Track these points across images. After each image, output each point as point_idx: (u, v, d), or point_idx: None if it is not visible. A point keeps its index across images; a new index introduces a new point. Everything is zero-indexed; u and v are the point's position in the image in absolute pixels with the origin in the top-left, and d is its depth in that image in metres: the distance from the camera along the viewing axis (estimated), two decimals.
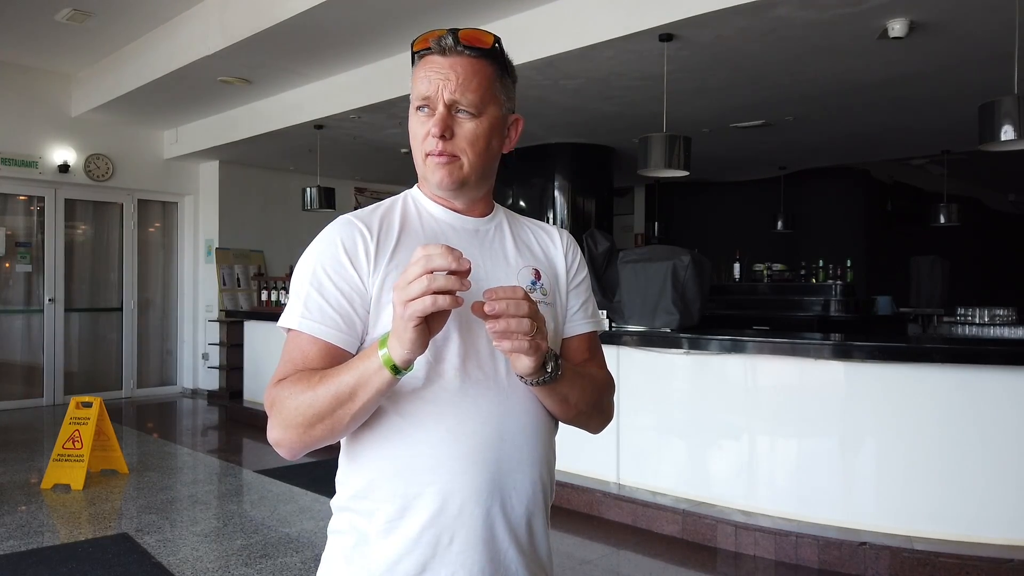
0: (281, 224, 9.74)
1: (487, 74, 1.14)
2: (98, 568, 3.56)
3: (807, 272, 9.24)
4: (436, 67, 1.13)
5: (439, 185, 1.15)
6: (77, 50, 7.30)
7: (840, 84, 5.91)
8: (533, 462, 1.15)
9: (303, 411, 1.03)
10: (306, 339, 1.09)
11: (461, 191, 1.18)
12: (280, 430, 1.06)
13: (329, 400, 1.01)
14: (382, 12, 5.18)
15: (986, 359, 3.55)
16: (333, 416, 1.02)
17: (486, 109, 1.14)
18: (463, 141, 1.13)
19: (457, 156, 1.14)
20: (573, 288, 1.29)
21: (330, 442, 1.09)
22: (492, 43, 1.16)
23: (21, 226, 8.32)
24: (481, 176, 1.18)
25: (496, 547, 1.11)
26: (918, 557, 3.37)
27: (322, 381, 1.02)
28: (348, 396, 1.00)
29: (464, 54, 1.13)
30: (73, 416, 4.98)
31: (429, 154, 1.14)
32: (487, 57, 1.15)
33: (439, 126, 1.11)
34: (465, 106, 1.12)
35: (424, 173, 1.17)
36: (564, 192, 8.28)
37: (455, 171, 1.14)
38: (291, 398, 1.04)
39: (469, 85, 1.12)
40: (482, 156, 1.15)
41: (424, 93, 1.13)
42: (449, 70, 1.12)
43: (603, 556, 3.91)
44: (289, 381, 1.06)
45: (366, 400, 1.01)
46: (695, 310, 4.47)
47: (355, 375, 1.00)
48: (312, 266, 1.13)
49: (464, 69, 1.12)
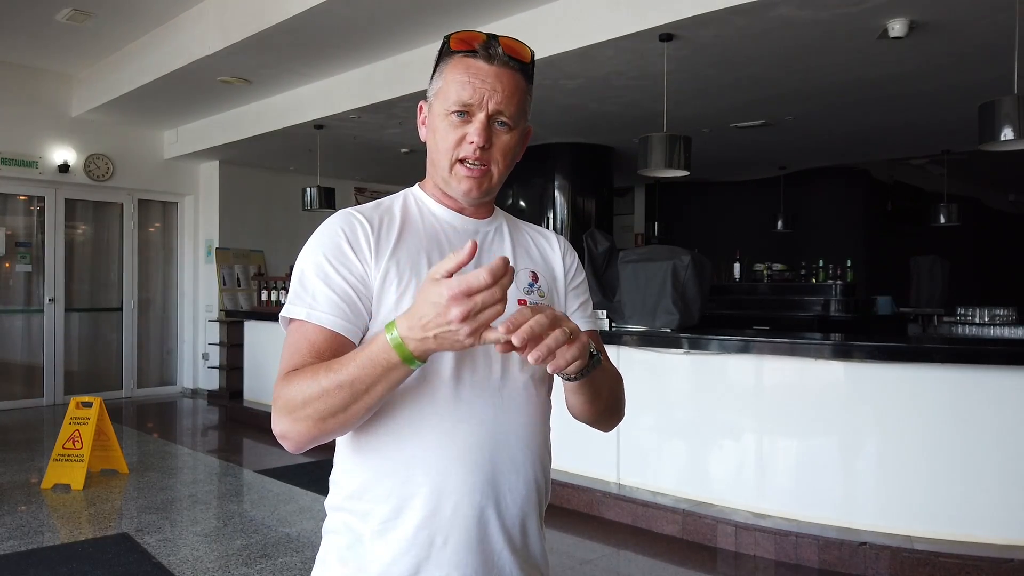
0: (281, 224, 9.74)
1: (524, 88, 1.15)
2: (98, 568, 3.56)
3: (807, 272, 9.23)
4: (482, 75, 1.11)
5: (466, 195, 1.15)
6: (77, 50, 7.30)
7: (840, 84, 5.90)
8: (528, 463, 1.14)
9: (316, 406, 1.00)
10: (312, 329, 1.07)
11: (482, 200, 1.18)
12: (289, 423, 1.04)
13: (344, 396, 0.99)
14: (382, 12, 5.18)
15: (986, 359, 3.55)
16: (347, 411, 1.00)
17: (520, 122, 1.15)
18: (498, 152, 1.13)
19: (488, 167, 1.14)
20: (572, 290, 1.29)
21: (340, 435, 1.08)
22: (531, 58, 1.16)
23: (21, 226, 8.32)
24: (500, 185, 1.19)
25: (490, 548, 1.10)
26: (918, 557, 3.37)
27: (334, 375, 0.99)
28: (364, 391, 0.98)
29: (509, 65, 1.12)
30: (73, 416, 4.98)
31: (462, 161, 1.13)
32: (525, 71, 1.15)
33: (482, 136, 1.11)
34: (506, 118, 1.12)
35: (447, 178, 1.15)
36: (564, 192, 8.28)
37: (485, 182, 1.14)
38: (302, 392, 1.01)
39: (512, 99, 1.12)
40: (509, 168, 1.17)
41: (466, 99, 1.11)
42: (496, 80, 1.11)
43: (603, 556, 3.91)
44: (299, 374, 1.03)
45: (383, 393, 1.00)
46: (695, 310, 4.47)
47: (371, 369, 0.97)
48: (316, 256, 1.11)
49: (509, 81, 1.12)
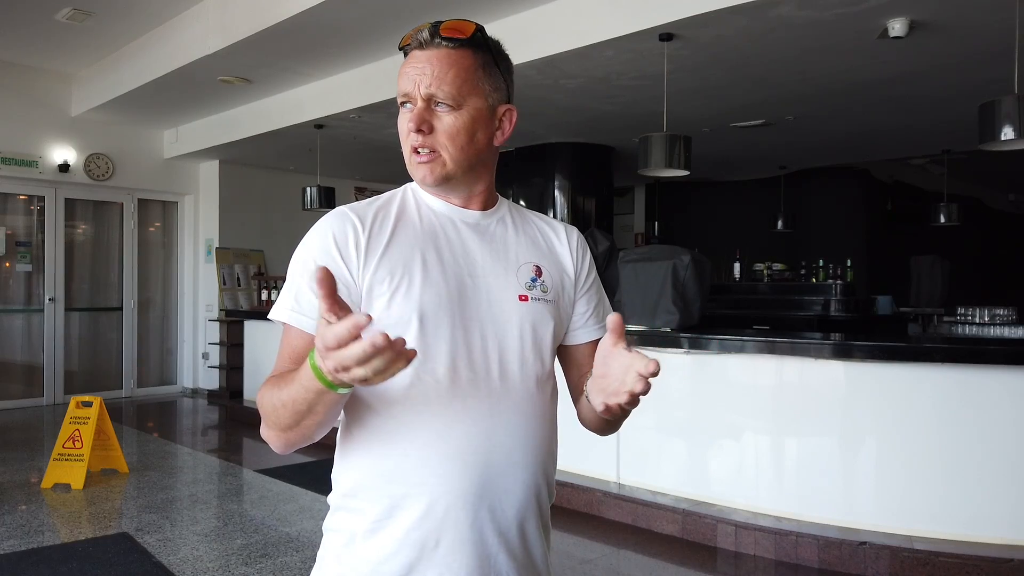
0: (281, 224, 9.74)
1: (465, 65, 1.10)
2: (98, 568, 3.56)
3: (807, 272, 9.23)
4: (415, 62, 1.11)
5: (422, 181, 1.14)
6: (77, 50, 7.30)
7: (840, 83, 5.90)
8: (526, 465, 1.11)
9: (274, 418, 1.03)
10: (295, 333, 1.08)
11: (448, 186, 1.15)
12: (264, 429, 1.08)
13: (290, 414, 1.00)
14: (382, 11, 5.18)
15: (986, 359, 3.55)
16: (300, 426, 1.02)
17: (466, 101, 1.10)
18: (443, 135, 1.10)
19: (437, 151, 1.11)
20: (583, 293, 1.25)
21: (312, 442, 1.08)
22: (472, 32, 1.12)
23: (21, 225, 8.32)
24: (468, 170, 1.14)
25: (485, 551, 1.08)
26: (918, 557, 3.37)
27: (281, 393, 1.00)
28: (307, 411, 0.98)
29: (442, 46, 1.10)
30: (73, 415, 4.98)
31: (413, 150, 1.12)
32: (467, 47, 1.11)
33: (415, 120, 1.09)
34: (443, 99, 1.09)
35: (410, 169, 1.15)
36: (564, 192, 8.28)
37: (436, 168, 1.11)
38: (267, 403, 1.04)
39: (445, 77, 1.09)
40: (465, 150, 1.12)
41: (404, 89, 1.11)
42: (426, 64, 1.09)
43: (603, 555, 3.91)
44: (269, 383, 1.05)
45: (327, 411, 0.99)
46: (695, 310, 4.47)
47: (305, 393, 0.95)
48: (303, 259, 1.11)
49: (441, 61, 1.09)
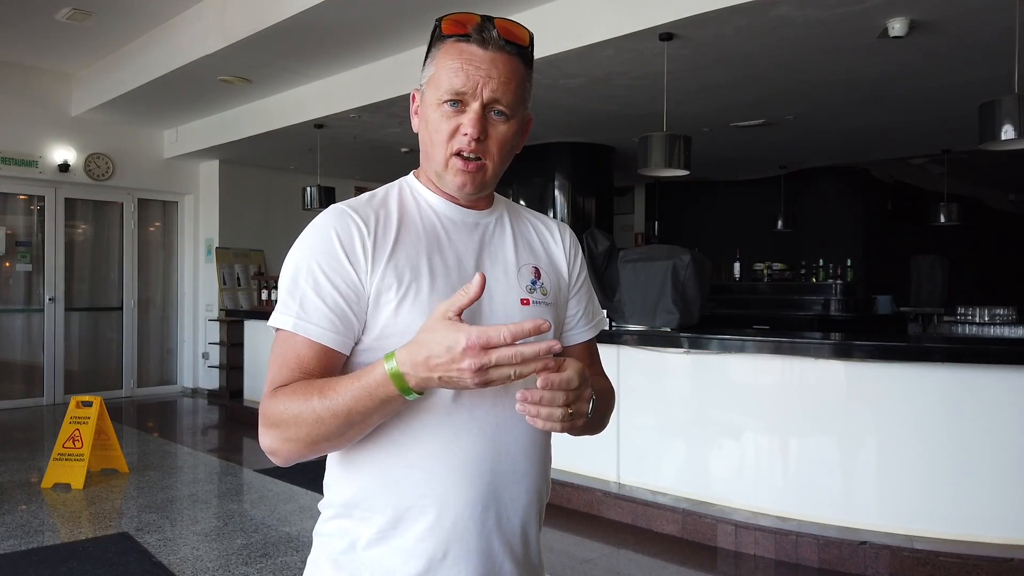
0: (281, 224, 9.73)
1: (522, 73, 1.06)
2: (98, 567, 3.56)
3: (807, 271, 9.23)
4: (476, 60, 1.03)
5: (460, 189, 1.08)
6: (77, 50, 7.30)
7: (840, 83, 5.90)
8: (529, 473, 1.11)
9: (309, 430, 0.97)
10: (301, 342, 1.02)
11: (476, 195, 1.12)
12: (279, 442, 1.01)
13: (339, 424, 0.96)
14: (382, 11, 5.18)
15: (986, 358, 3.55)
16: (342, 437, 0.99)
17: (517, 111, 1.06)
18: (494, 144, 1.05)
19: (483, 160, 1.06)
20: (574, 293, 1.24)
21: (330, 453, 1.07)
22: (530, 40, 1.07)
23: (21, 225, 8.32)
24: (498, 177, 1.11)
25: (492, 560, 1.07)
26: (918, 557, 3.37)
27: (328, 401, 0.95)
28: (360, 420, 0.96)
29: (505, 49, 1.04)
30: (73, 415, 4.97)
31: (457, 153, 1.05)
32: (523, 55, 1.06)
33: (477, 127, 1.03)
34: (503, 107, 1.04)
35: (441, 172, 1.08)
36: (564, 191, 8.28)
37: (479, 177, 1.07)
38: (293, 414, 0.98)
39: (509, 85, 1.03)
40: (506, 160, 1.09)
41: (459, 88, 1.03)
42: (491, 66, 1.02)
43: (603, 555, 3.91)
44: (288, 393, 0.99)
45: (379, 421, 0.98)
46: (695, 309, 4.47)
47: (367, 401, 0.94)
48: (306, 261, 1.05)
49: (505, 67, 1.03)
